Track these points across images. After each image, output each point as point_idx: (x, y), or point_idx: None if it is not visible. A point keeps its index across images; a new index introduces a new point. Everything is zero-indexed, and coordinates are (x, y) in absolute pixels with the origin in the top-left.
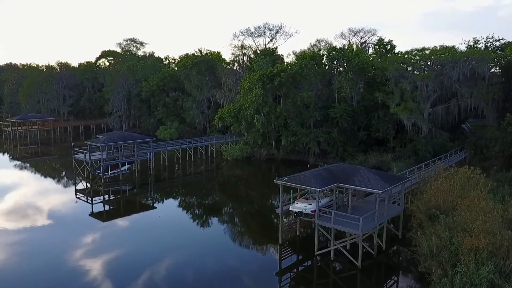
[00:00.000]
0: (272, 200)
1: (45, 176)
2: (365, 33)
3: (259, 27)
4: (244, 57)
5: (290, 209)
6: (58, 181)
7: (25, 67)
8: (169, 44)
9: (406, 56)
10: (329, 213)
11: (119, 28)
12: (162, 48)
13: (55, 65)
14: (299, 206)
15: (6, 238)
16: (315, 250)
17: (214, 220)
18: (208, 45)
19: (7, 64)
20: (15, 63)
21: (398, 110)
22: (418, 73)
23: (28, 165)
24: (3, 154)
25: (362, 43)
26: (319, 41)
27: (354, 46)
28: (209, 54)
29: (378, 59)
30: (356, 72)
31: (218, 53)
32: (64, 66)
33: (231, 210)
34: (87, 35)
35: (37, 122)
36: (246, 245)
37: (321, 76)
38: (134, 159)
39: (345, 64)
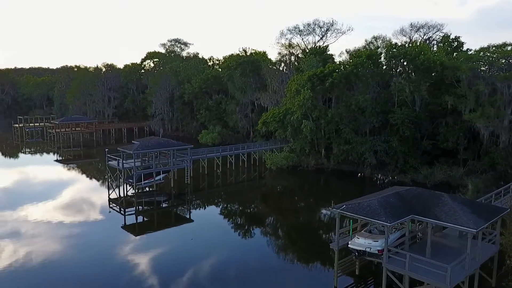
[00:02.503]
0: (321, 216)
1: (81, 182)
2: (428, 29)
3: (308, 25)
4: (292, 56)
5: (349, 245)
6: (93, 188)
7: (75, 68)
8: (214, 44)
9: (481, 53)
10: (402, 254)
11: (166, 28)
12: (206, 48)
13: (101, 66)
14: (361, 242)
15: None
16: None
17: (257, 238)
18: (254, 45)
19: (62, 66)
20: (70, 66)
21: (473, 117)
22: (498, 73)
23: (67, 168)
24: (45, 155)
25: (425, 40)
26: (375, 38)
27: (418, 43)
28: (254, 54)
29: (443, 58)
30: (421, 72)
31: (264, 52)
32: (110, 67)
33: (275, 227)
34: (136, 37)
35: (80, 124)
36: (293, 279)
37: (379, 77)
38: (170, 167)
39: (405, 63)
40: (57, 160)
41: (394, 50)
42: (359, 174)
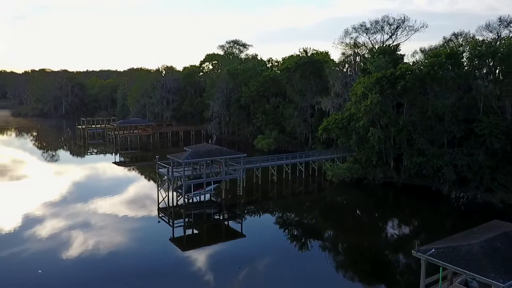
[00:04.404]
0: (388, 237)
1: (133, 188)
2: None
3: (376, 22)
4: (357, 57)
5: None
6: (145, 195)
7: (138, 71)
8: (274, 46)
9: None
10: None
11: (225, 29)
12: (266, 50)
13: (162, 69)
14: None
15: None
16: None
17: (316, 260)
18: (315, 45)
19: (129, 69)
20: (135, 68)
21: None
22: None
23: (122, 171)
24: (104, 156)
25: None
26: (456, 35)
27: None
28: (315, 55)
29: None
30: None
31: (326, 53)
32: (169, 70)
33: (335, 247)
34: (196, 38)
35: (138, 127)
36: None
37: (461, 80)
38: (221, 177)
39: (492, 63)
40: (114, 162)
41: (480, 48)
42: (434, 190)
